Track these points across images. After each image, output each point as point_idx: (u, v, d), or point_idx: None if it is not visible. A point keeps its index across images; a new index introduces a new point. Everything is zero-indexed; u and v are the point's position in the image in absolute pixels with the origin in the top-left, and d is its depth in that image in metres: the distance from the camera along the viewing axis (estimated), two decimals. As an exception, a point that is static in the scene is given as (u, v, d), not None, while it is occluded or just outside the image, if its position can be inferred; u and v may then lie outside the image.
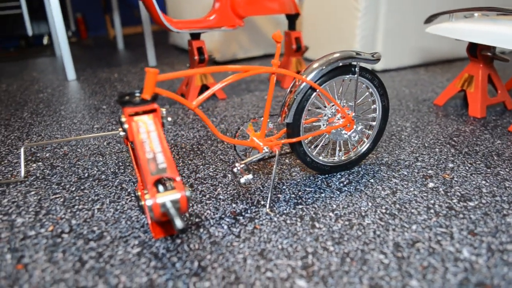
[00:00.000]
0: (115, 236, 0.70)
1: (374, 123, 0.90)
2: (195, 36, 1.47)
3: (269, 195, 0.78)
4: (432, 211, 0.75)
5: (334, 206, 0.77)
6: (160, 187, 0.62)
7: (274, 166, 0.79)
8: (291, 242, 0.67)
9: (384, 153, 0.99)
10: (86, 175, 0.93)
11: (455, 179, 0.86)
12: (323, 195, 0.81)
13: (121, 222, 0.74)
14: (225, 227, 0.72)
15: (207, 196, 0.83)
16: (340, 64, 0.79)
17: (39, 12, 2.98)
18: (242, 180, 0.72)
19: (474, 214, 0.73)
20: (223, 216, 0.75)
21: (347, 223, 0.72)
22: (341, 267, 0.61)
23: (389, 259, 0.62)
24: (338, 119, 0.85)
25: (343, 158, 0.90)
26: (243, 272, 0.61)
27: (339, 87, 0.83)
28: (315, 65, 0.79)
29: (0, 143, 1.14)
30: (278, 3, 1.50)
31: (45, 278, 0.61)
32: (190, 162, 0.98)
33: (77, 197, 0.84)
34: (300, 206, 0.78)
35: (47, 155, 1.05)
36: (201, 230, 0.71)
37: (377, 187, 0.84)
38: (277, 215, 0.75)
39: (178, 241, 0.69)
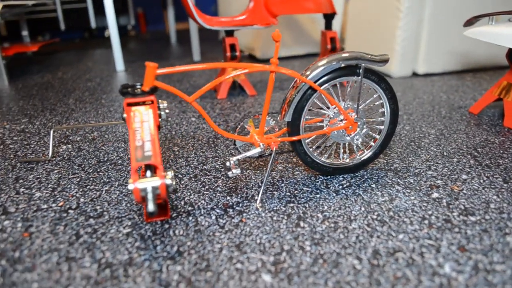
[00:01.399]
0: (112, 216, 0.76)
1: (381, 127, 0.88)
2: (229, 33, 1.51)
3: (261, 190, 0.79)
4: (426, 222, 0.71)
5: (326, 207, 0.77)
6: (148, 173, 0.66)
7: (269, 163, 0.80)
8: (270, 238, 0.68)
9: (397, 159, 0.96)
10: (105, 159, 1.01)
11: (464, 191, 0.81)
12: (318, 195, 0.81)
13: (122, 204, 0.80)
14: (213, 217, 0.75)
15: (206, 187, 0.86)
16: (342, 65, 0.78)
17: (102, 6, 3.21)
18: (230, 174, 0.74)
19: (471, 230, 0.69)
20: (214, 207, 0.78)
21: (332, 225, 0.71)
22: (311, 268, 0.61)
23: (362, 265, 0.61)
24: (340, 121, 0.83)
25: (347, 160, 0.88)
26: (215, 261, 0.63)
27: (348, 89, 0.83)
28: (316, 65, 0.78)
29: (42, 126, 1.26)
30: (313, 2, 1.49)
31: (43, 247, 0.68)
32: (202, 154, 1.02)
33: (91, 178, 0.91)
34: (292, 205, 0.78)
35: (78, 138, 1.15)
36: (190, 218, 0.75)
37: (376, 192, 0.81)
38: (266, 211, 0.76)
39: (166, 226, 0.73)
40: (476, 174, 0.87)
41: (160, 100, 0.78)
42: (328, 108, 0.84)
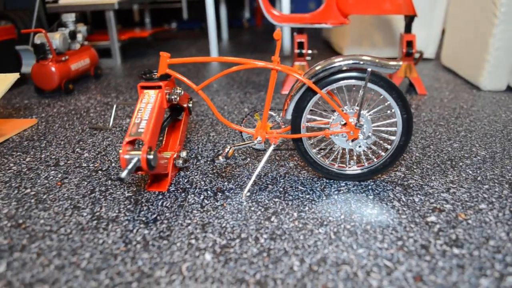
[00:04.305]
0: (126, 181, 0.89)
1: (393, 138, 0.82)
2: (300, 31, 1.53)
3: (250, 181, 0.83)
4: (399, 243, 0.66)
5: (306, 208, 0.77)
6: (144, 148, 0.76)
7: (264, 157, 0.83)
8: (235, 225, 0.72)
9: (418, 175, 0.88)
10: (151, 134, 1.16)
11: (470, 222, 0.72)
12: (307, 196, 0.81)
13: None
14: (201, 197, 0.82)
15: (214, 171, 0.93)
16: (344, 67, 0.76)
17: None
18: (216, 160, 0.80)
19: (445, 262, 0.62)
20: (208, 189, 0.85)
21: (300, 225, 0.72)
22: (252, 258, 0.64)
23: (300, 268, 0.61)
24: (343, 125, 0.81)
25: (354, 167, 0.85)
26: (176, 233, 0.70)
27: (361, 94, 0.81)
28: (317, 67, 0.78)
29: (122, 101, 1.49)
30: (390, 3, 1.40)
31: (64, 195, 0.84)
32: (231, 142, 1.09)
33: (131, 148, 1.07)
34: (277, 200, 0.80)
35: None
36: (183, 194, 0.83)
37: (369, 204, 0.78)
38: (249, 201, 0.80)
39: (160, 196, 0.83)
40: (500, 206, 0.76)
41: (179, 87, 0.88)
42: (333, 111, 0.82)
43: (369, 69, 0.76)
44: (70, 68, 1.62)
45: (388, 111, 0.81)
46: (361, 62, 0.76)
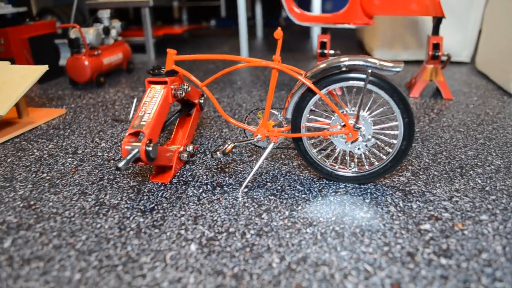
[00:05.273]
0: (133, 171, 0.93)
1: (394, 141, 0.80)
2: (324, 31, 1.52)
3: (248, 178, 0.84)
4: (385, 248, 0.65)
5: (299, 208, 0.77)
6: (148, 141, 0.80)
7: (263, 155, 0.84)
8: (226, 219, 0.74)
9: (422, 181, 0.86)
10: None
11: (466, 232, 0.69)
12: (304, 196, 0.81)
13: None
14: (200, 190, 0.84)
15: (218, 166, 0.95)
16: (343, 68, 0.75)
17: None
18: (214, 155, 0.82)
19: (428, 271, 0.60)
20: (208, 183, 0.87)
21: (289, 224, 0.72)
22: (234, 252, 0.65)
23: (278, 266, 0.62)
24: (341, 126, 0.80)
25: (354, 170, 0.84)
26: (168, 223, 0.73)
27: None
28: (317, 67, 0.78)
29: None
30: (417, 4, 1.36)
31: (75, 181, 0.90)
32: (237, 136, 1.11)
33: (145, 140, 1.11)
34: (272, 198, 0.81)
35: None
36: (183, 186, 0.86)
37: (364, 208, 0.77)
38: (245, 197, 0.81)
39: (162, 187, 0.86)
40: (503, 218, 0.72)
41: (186, 82, 0.91)
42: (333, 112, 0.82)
43: (369, 70, 0.75)
44: (102, 62, 1.71)
45: (390, 114, 0.80)
46: (361, 63, 0.75)
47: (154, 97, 0.84)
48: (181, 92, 0.88)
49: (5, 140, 1.11)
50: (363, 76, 0.76)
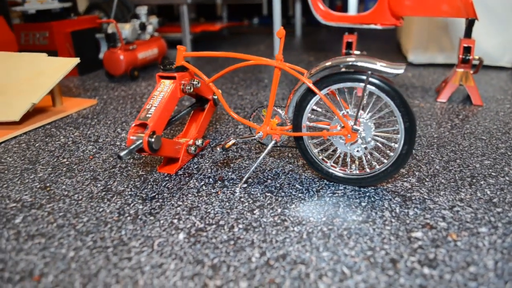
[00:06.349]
0: (145, 161, 0.98)
1: (395, 145, 0.78)
2: (350, 30, 1.50)
3: (247, 175, 0.86)
4: (369, 253, 0.64)
5: (292, 206, 0.78)
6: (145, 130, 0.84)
7: (264, 152, 0.86)
8: (219, 212, 0.76)
9: (427, 188, 0.83)
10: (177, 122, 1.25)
11: (458, 244, 0.66)
12: (300, 195, 0.82)
13: (158, 155, 1.02)
14: (201, 183, 0.87)
15: (225, 161, 0.98)
16: (343, 68, 0.75)
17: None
18: (214, 150, 0.84)
19: (407, 280, 0.59)
20: (211, 176, 0.90)
21: (278, 221, 0.73)
22: (219, 244, 0.67)
23: (257, 260, 0.63)
24: (341, 127, 0.80)
25: (355, 172, 0.83)
26: (164, 212, 0.77)
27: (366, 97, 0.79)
28: (317, 67, 0.77)
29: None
30: (448, 5, 1.30)
31: (90, 167, 0.96)
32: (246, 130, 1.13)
33: (164, 133, 1.16)
34: (269, 195, 0.82)
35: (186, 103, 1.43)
36: (187, 178, 0.90)
37: (357, 211, 0.76)
38: (242, 192, 0.83)
39: (167, 178, 0.90)
40: (503, 232, 0.68)
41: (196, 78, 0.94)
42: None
43: (369, 72, 0.74)
44: (137, 57, 1.79)
45: (390, 118, 0.78)
46: (361, 64, 0.74)
47: (163, 91, 0.88)
48: (189, 87, 0.91)
49: (37, 126, 1.21)
50: (363, 77, 0.75)
